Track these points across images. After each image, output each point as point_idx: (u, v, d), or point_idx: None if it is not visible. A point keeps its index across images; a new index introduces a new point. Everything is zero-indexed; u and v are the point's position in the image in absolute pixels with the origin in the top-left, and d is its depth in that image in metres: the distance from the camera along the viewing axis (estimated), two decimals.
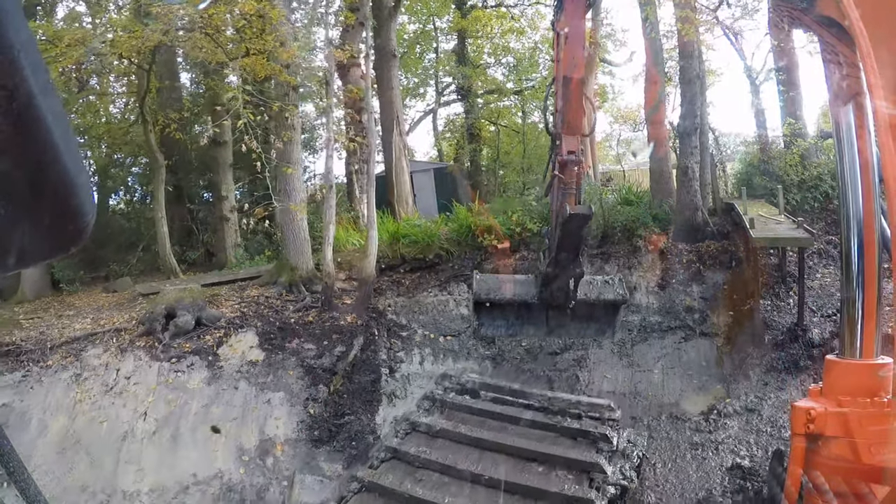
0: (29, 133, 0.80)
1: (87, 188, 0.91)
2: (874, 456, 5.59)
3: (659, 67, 17.79)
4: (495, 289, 12.74)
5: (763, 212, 15.44)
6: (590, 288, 12.50)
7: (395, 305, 14.20)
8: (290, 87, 14.56)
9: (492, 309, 12.75)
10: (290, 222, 14.87)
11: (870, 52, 3.50)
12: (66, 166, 0.85)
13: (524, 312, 12.78)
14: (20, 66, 0.77)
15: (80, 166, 0.91)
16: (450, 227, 16.60)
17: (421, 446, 9.53)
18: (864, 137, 5.94)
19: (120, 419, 11.09)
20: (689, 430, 11.38)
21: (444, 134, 35.03)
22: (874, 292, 6.21)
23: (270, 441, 10.85)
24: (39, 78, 0.80)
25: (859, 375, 5.98)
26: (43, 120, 0.80)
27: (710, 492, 10.21)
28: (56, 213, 0.87)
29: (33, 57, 0.80)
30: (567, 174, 10.18)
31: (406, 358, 13.21)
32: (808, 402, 6.08)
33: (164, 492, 10.02)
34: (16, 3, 0.79)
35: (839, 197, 6.70)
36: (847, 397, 5.89)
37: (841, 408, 5.84)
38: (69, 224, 0.89)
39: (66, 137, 0.86)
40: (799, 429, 5.93)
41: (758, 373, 12.62)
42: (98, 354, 12.09)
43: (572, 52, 10.10)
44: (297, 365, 12.07)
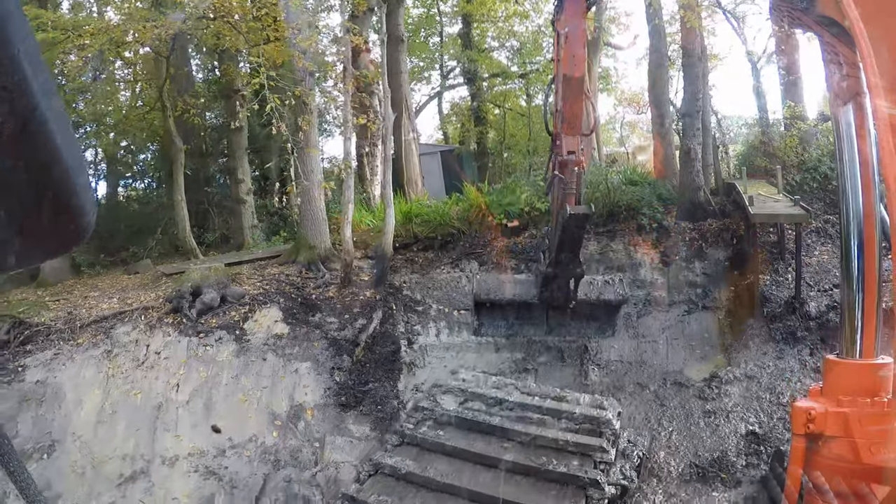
0: (30, 133, 0.81)
1: (87, 188, 0.94)
2: (874, 456, 5.66)
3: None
4: (495, 289, 13.09)
5: (762, 191, 15.93)
6: (590, 288, 12.77)
7: (409, 282, 14.68)
8: (308, 72, 15.05)
9: (492, 309, 13.07)
10: (308, 203, 15.43)
11: (870, 52, 3.63)
12: (66, 166, 0.87)
13: (524, 312, 13.10)
14: (21, 66, 0.78)
15: (81, 166, 0.92)
16: (460, 207, 17.11)
17: (383, 494, 9.03)
18: (864, 137, 6.00)
19: (153, 391, 11.49)
20: (692, 395, 11.98)
21: (450, 117, 35.46)
22: (874, 292, 6.26)
23: (301, 407, 11.41)
24: (40, 78, 0.82)
25: (859, 375, 6.04)
26: (44, 120, 0.82)
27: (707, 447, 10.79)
28: (57, 213, 0.89)
29: (34, 57, 0.81)
30: (567, 174, 10.37)
31: (422, 331, 13.68)
32: (808, 402, 6.16)
33: (203, 455, 10.49)
34: (16, 3, 0.80)
35: (839, 197, 6.75)
36: (847, 397, 5.95)
37: (841, 407, 5.89)
38: (70, 223, 0.92)
39: (67, 137, 0.87)
40: (799, 429, 6.02)
41: (757, 343, 13.22)
42: (127, 332, 12.48)
43: (572, 52, 10.17)
44: (320, 337, 12.63)
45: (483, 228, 16.17)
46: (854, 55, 5.47)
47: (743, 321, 13.98)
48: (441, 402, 10.28)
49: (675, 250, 15.31)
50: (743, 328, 13.81)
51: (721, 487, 9.99)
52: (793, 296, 14.06)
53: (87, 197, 0.93)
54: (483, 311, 13.13)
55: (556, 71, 10.90)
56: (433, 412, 9.87)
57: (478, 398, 10.65)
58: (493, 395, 10.66)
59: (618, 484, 9.11)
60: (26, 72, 0.78)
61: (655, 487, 9.89)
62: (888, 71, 3.62)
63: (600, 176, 17.10)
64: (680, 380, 12.56)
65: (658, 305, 14.27)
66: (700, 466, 10.41)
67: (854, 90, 5.86)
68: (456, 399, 10.57)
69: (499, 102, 31.83)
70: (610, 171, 18.46)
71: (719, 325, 14.10)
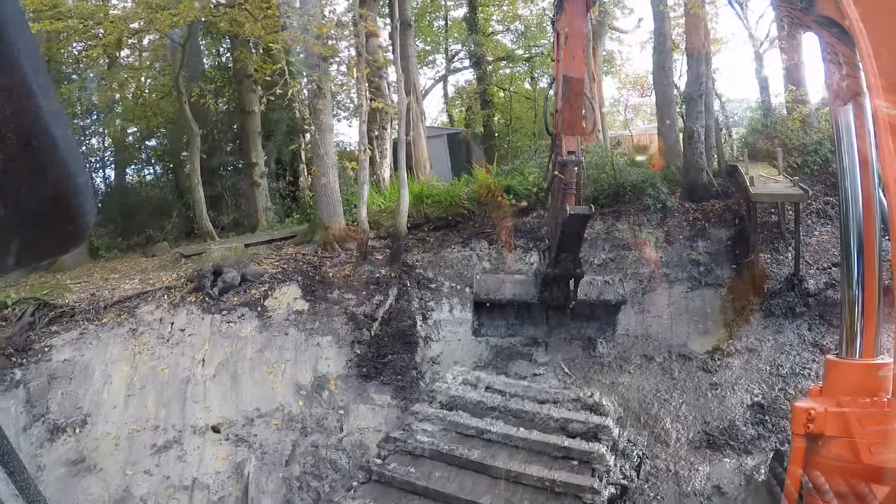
0: (29, 134, 0.80)
1: (87, 188, 0.94)
2: (874, 456, 5.55)
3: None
4: (495, 289, 12.81)
5: (764, 173, 16.28)
6: (590, 288, 12.57)
7: (422, 260, 15.18)
8: (321, 57, 15.47)
9: (491, 309, 12.80)
10: (323, 184, 15.89)
11: (869, 53, 3.61)
12: (66, 167, 0.87)
13: (524, 312, 12.87)
14: (20, 67, 0.78)
15: (81, 167, 0.92)
16: (470, 188, 17.50)
17: None
18: (864, 137, 5.89)
19: (180, 366, 11.98)
20: (696, 367, 12.51)
21: (455, 100, 35.80)
22: (874, 292, 6.17)
23: (324, 377, 11.96)
24: (39, 78, 0.81)
25: (859, 375, 5.96)
26: (43, 120, 0.81)
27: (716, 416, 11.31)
28: (56, 214, 0.88)
29: (33, 57, 0.81)
30: (567, 174, 10.33)
31: (436, 307, 14.21)
32: (808, 402, 6.04)
33: (232, 424, 11.03)
34: (15, 3, 0.79)
35: (839, 197, 6.68)
36: (847, 397, 5.85)
37: (841, 408, 5.78)
38: (69, 224, 0.91)
39: (66, 138, 0.87)
40: (799, 429, 5.90)
41: (757, 318, 13.70)
42: (151, 311, 12.94)
43: (572, 52, 10.15)
44: (339, 313, 13.14)
45: (492, 209, 16.53)
46: (854, 55, 5.42)
47: (744, 297, 14.41)
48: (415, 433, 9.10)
49: (678, 230, 15.73)
50: (744, 304, 14.27)
51: (732, 454, 10.37)
52: (792, 273, 14.51)
53: (87, 198, 0.93)
54: (482, 311, 12.94)
55: (556, 71, 10.97)
56: (405, 444, 8.86)
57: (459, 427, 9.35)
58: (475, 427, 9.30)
59: (617, 484, 8.83)
60: (26, 71, 0.79)
61: (666, 454, 10.41)
62: (888, 71, 3.60)
63: (606, 157, 17.51)
64: (684, 352, 13.04)
65: (662, 282, 14.66)
66: (710, 434, 10.86)
67: (854, 90, 5.80)
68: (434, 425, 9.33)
69: (504, 85, 32.14)
70: (615, 153, 18.85)
71: (721, 301, 14.54)
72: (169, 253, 17.71)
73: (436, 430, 9.15)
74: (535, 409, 9.39)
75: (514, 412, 9.49)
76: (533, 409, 9.38)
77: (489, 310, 12.81)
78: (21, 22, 0.80)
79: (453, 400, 9.88)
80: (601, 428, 8.93)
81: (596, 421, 9.05)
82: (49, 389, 11.12)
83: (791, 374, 12.13)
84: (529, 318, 12.89)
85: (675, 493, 9.55)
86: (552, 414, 9.26)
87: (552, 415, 9.22)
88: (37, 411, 10.81)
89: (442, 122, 34.54)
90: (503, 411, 9.53)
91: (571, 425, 9.04)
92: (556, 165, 10.79)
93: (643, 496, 9.59)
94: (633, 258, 15.03)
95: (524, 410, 9.43)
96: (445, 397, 9.94)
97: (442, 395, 10.04)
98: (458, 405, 9.77)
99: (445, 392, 10.04)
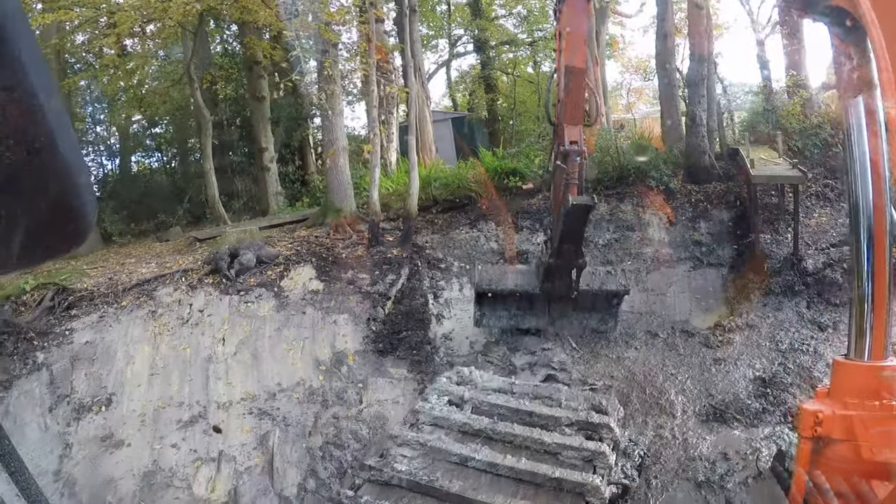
0: (31, 133, 0.82)
1: (88, 188, 0.95)
2: (877, 455, 5.48)
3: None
4: (497, 279, 12.75)
5: (764, 155, 16.57)
6: (592, 278, 12.50)
7: (431, 241, 15.49)
8: (331, 43, 15.80)
9: (493, 300, 12.73)
10: (334, 167, 16.24)
11: (881, 44, 3.42)
12: (67, 167, 0.88)
13: (526, 303, 12.81)
14: (22, 67, 0.79)
15: (82, 167, 0.93)
16: (476, 171, 17.77)
17: None
18: (875, 130, 5.71)
19: (201, 345, 12.30)
20: (698, 342, 12.92)
21: (458, 85, 36.05)
22: (884, 292, 6.07)
23: (342, 353, 12.35)
24: (41, 78, 0.82)
25: (867, 378, 5.81)
26: (45, 120, 0.82)
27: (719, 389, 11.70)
28: (58, 214, 0.90)
29: (35, 57, 0.82)
30: (570, 164, 10.22)
31: (446, 286, 14.52)
32: (816, 405, 5.87)
33: (255, 399, 11.43)
34: (17, 3, 0.80)
35: (847, 191, 6.39)
36: (854, 400, 5.71)
37: (848, 410, 5.64)
38: (70, 224, 0.93)
39: (68, 137, 0.88)
40: (807, 431, 5.75)
41: (757, 295, 14.08)
42: (169, 293, 13.24)
43: (574, 44, 10.18)
44: (354, 292, 13.51)
45: (498, 191, 16.84)
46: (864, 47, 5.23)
47: (744, 276, 14.81)
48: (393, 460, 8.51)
49: (681, 211, 16.03)
50: (744, 282, 14.67)
51: (738, 426, 10.65)
52: (791, 253, 14.87)
53: (88, 197, 0.94)
54: (484, 301, 12.82)
55: (558, 61, 10.95)
56: (381, 472, 8.29)
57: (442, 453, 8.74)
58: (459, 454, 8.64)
59: (619, 483, 8.66)
60: (28, 72, 0.79)
61: (672, 423, 10.77)
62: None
63: (610, 140, 17.85)
64: (687, 328, 13.43)
65: (665, 262, 14.97)
66: (715, 407, 11.19)
67: (864, 82, 5.55)
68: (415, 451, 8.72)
69: (508, 70, 32.39)
70: (619, 136, 19.18)
71: (722, 279, 14.92)
72: (182, 237, 18.05)
73: (416, 456, 8.54)
74: (526, 432, 8.80)
75: (502, 436, 8.86)
76: (523, 433, 8.79)
77: (491, 300, 12.83)
78: (22, 21, 0.81)
79: (437, 422, 9.30)
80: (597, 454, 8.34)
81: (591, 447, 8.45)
82: (72, 371, 11.44)
83: (790, 350, 12.47)
84: (531, 309, 12.92)
85: (682, 458, 9.95)
86: (544, 439, 8.65)
87: (544, 439, 8.63)
88: (61, 392, 11.13)
89: (445, 107, 34.79)
90: (491, 435, 8.92)
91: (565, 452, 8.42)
92: (558, 155, 10.81)
93: (654, 460, 9.96)
94: (637, 238, 15.35)
95: (513, 434, 8.81)
96: (428, 419, 9.35)
97: (425, 416, 9.42)
98: (442, 427, 9.18)
99: (428, 413, 9.44)
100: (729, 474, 9.41)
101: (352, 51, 20.53)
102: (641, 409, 11.15)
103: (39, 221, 0.89)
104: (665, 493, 9.28)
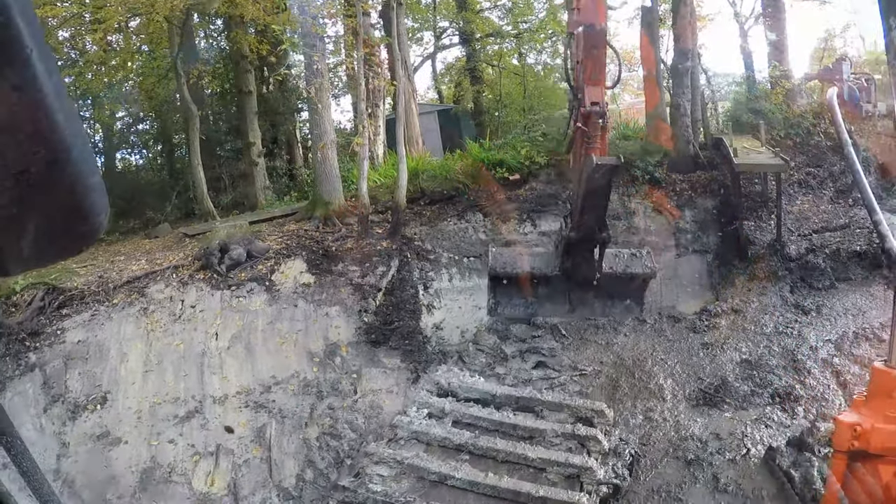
0: (42, 134, 0.81)
1: (100, 188, 0.95)
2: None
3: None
4: (512, 262, 12.31)
5: (747, 144, 16.81)
6: (615, 261, 12.08)
7: (420, 233, 15.55)
8: (318, 37, 15.86)
9: (508, 286, 12.34)
10: (323, 161, 16.29)
11: None
12: (79, 167, 0.88)
13: (544, 289, 12.34)
14: (34, 66, 0.79)
15: (93, 167, 0.93)
16: (464, 163, 17.87)
17: None
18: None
19: (194, 340, 12.28)
20: (685, 327, 13.15)
21: (443, 77, 36.11)
22: None
23: (335, 345, 12.45)
24: (53, 78, 0.82)
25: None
26: (56, 120, 0.82)
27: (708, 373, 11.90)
28: (69, 213, 0.91)
29: (46, 58, 0.82)
30: (591, 126, 9.80)
31: (436, 277, 14.62)
32: (853, 417, 5.34)
33: (250, 392, 11.51)
34: (28, 4, 0.80)
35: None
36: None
37: (889, 424, 5.12)
38: (82, 224, 0.93)
39: (79, 137, 0.88)
40: (843, 445, 5.26)
41: (742, 281, 14.36)
42: (161, 289, 13.16)
43: (593, 1, 9.89)
44: (345, 284, 13.57)
45: (486, 182, 16.89)
46: None
47: (729, 262, 15.14)
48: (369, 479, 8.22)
49: (666, 200, 16.25)
50: (729, 268, 15.01)
51: (728, 408, 10.85)
52: (774, 239, 15.21)
53: (99, 197, 0.94)
54: (499, 287, 12.45)
55: (577, 21, 10.44)
56: (356, 494, 8.06)
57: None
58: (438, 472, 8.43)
59: (609, 483, 8.55)
60: (39, 71, 0.79)
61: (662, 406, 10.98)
62: None
63: None
64: (674, 314, 13.68)
65: (651, 249, 15.02)
66: (704, 391, 11.37)
67: None
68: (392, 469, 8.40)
69: (494, 62, 32.49)
70: None
71: (708, 266, 15.25)
72: (171, 234, 17.95)
73: (392, 475, 8.24)
74: (508, 447, 8.49)
75: (483, 451, 8.50)
76: (505, 448, 8.48)
77: (506, 287, 12.42)
78: (34, 22, 0.80)
79: (416, 436, 8.99)
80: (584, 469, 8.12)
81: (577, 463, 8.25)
82: (66, 370, 11.41)
83: (775, 333, 12.75)
84: (550, 297, 12.48)
85: (674, 438, 10.17)
86: (528, 454, 8.34)
87: (528, 455, 8.32)
88: (55, 392, 11.11)
89: (431, 99, 34.84)
90: (472, 450, 8.57)
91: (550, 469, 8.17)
92: (578, 117, 10.23)
93: (647, 440, 10.18)
94: (623, 227, 15.50)
95: (495, 448, 8.48)
96: (407, 433, 9.07)
97: (403, 430, 9.14)
98: (421, 442, 8.88)
99: (407, 427, 9.18)
100: (719, 452, 9.63)
101: (338, 44, 20.65)
102: (630, 394, 11.32)
103: (51, 221, 0.89)
104: (654, 469, 9.48)
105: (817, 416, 10.13)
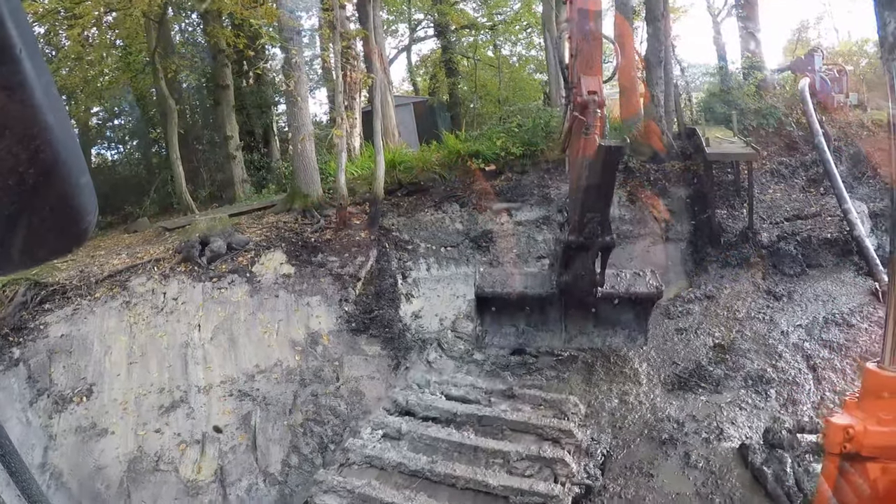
0: (31, 134, 0.81)
1: (89, 189, 0.94)
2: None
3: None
4: (502, 283, 11.63)
5: (720, 134, 17.21)
6: (617, 281, 11.41)
7: (397, 224, 15.73)
8: (295, 31, 15.94)
9: (499, 313, 11.72)
10: (301, 153, 16.37)
11: None
12: (68, 167, 0.87)
13: (537, 315, 11.68)
14: (23, 67, 0.78)
15: (83, 167, 0.92)
16: (440, 154, 18.11)
17: None
18: None
19: (177, 332, 12.33)
20: (659, 313, 13.45)
21: (419, 69, 36.22)
22: None
23: (317, 333, 12.59)
24: (42, 78, 0.82)
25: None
26: (46, 121, 0.82)
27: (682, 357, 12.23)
28: (59, 214, 0.89)
29: (35, 57, 0.81)
30: (588, 115, 9.17)
31: (414, 266, 14.84)
32: (845, 419, 5.13)
33: (234, 381, 11.60)
34: (17, 3, 0.79)
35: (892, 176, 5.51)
36: (889, 415, 5.00)
37: (882, 426, 4.94)
38: (71, 225, 0.93)
39: (69, 138, 0.88)
40: (834, 448, 5.07)
41: (715, 268, 14.80)
42: (142, 283, 13.20)
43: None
44: (325, 274, 13.70)
45: (462, 173, 17.17)
46: None
47: (702, 250, 15.55)
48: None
49: (640, 189, 16.60)
50: (702, 256, 15.41)
51: (703, 391, 11.10)
52: (746, 227, 15.62)
53: (89, 197, 0.94)
54: (487, 313, 11.81)
55: (570, 8, 10.01)
56: None
57: None
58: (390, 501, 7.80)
59: (581, 483, 8.26)
60: (28, 72, 0.79)
61: (639, 390, 11.27)
62: None
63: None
64: None
65: (626, 238, 15.42)
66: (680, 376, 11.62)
67: None
68: (342, 499, 7.85)
69: (469, 54, 32.67)
70: None
71: (681, 253, 15.66)
72: (150, 228, 17.90)
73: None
74: (468, 472, 7.94)
75: (441, 477, 7.97)
76: (464, 474, 7.92)
77: (495, 314, 11.83)
78: (23, 20, 0.80)
79: (369, 461, 8.38)
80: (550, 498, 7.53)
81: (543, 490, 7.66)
82: (50, 364, 11.41)
83: (747, 318, 13.13)
84: (544, 324, 11.89)
85: (653, 420, 10.48)
86: (489, 481, 7.79)
87: (489, 482, 7.77)
88: (40, 386, 11.11)
89: (406, 91, 34.95)
90: (429, 476, 8.06)
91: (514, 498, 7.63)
92: (575, 107, 9.60)
93: (625, 423, 10.47)
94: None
95: (453, 475, 7.93)
96: (360, 458, 8.46)
97: (356, 454, 8.52)
98: (374, 467, 8.35)
99: (360, 451, 8.57)
100: (694, 433, 9.94)
101: (313, 38, 20.71)
102: (606, 378, 11.60)
103: (40, 221, 0.88)
104: (627, 449, 9.79)
105: (787, 400, 10.49)
